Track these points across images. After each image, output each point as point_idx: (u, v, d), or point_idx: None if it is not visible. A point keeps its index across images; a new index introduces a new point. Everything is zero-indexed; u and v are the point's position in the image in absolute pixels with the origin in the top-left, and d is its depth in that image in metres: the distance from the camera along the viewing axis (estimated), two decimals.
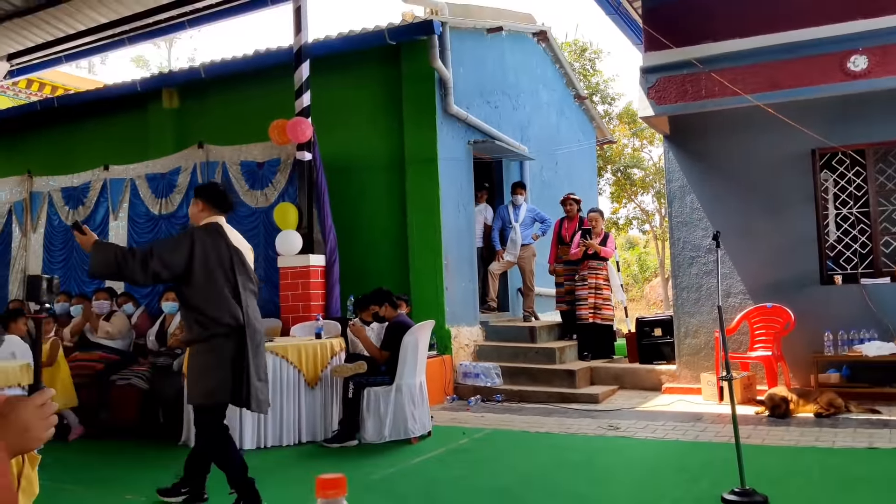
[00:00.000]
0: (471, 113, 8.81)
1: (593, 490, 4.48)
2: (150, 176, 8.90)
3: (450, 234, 8.32)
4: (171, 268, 4.03)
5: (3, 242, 9.86)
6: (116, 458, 5.81)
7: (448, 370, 7.97)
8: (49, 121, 10.69)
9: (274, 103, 8.59)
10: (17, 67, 10.24)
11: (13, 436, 1.41)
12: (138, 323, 7.57)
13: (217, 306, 4.09)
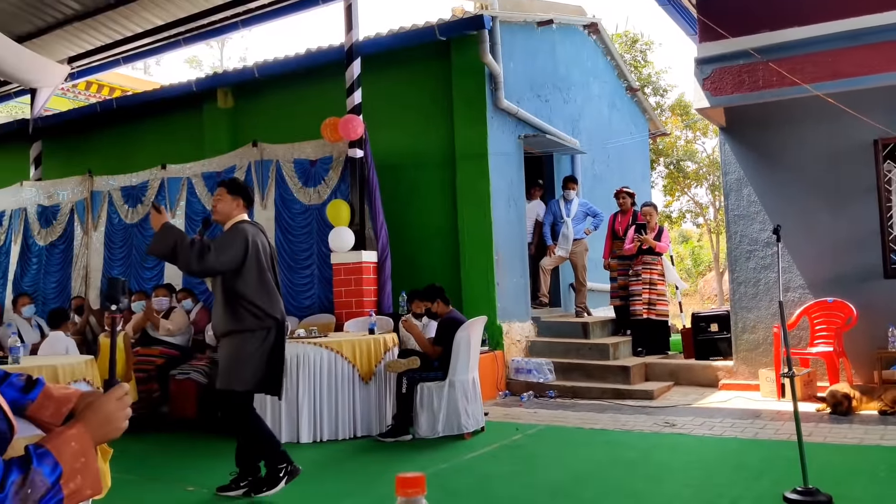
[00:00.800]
0: (521, 107, 8.79)
1: (650, 487, 4.45)
2: (205, 174, 9.10)
3: (500, 229, 8.32)
4: (225, 264, 4.24)
5: (66, 241, 10.18)
6: (177, 451, 5.98)
7: (500, 366, 7.98)
8: (108, 121, 10.99)
9: (325, 101, 8.69)
10: (77, 70, 10.58)
11: (97, 426, 1.51)
12: (197, 319, 7.75)
13: (269, 300, 4.39)
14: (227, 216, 4.51)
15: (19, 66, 9.16)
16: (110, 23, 9.65)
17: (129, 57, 10.23)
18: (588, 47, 11.54)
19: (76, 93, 15.21)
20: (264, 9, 8.86)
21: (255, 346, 4.34)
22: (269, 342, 4.39)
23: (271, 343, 4.39)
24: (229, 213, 4.51)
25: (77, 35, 10.01)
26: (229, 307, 4.36)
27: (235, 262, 4.27)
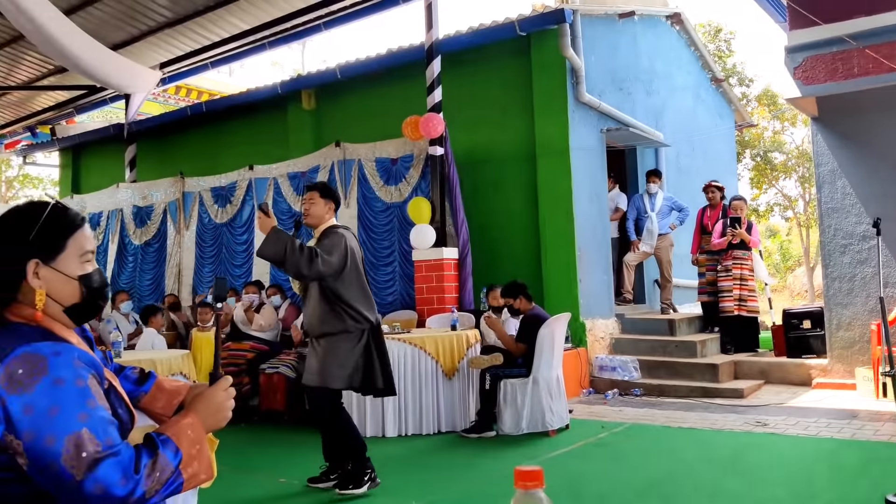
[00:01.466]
0: (603, 100, 8.68)
1: (744, 487, 4.34)
2: (291, 175, 9.34)
3: (583, 224, 8.24)
4: (333, 267, 4.34)
5: (160, 240, 10.62)
6: (267, 444, 6.16)
7: (583, 363, 7.92)
8: (198, 124, 11.39)
9: (406, 100, 8.79)
10: (168, 75, 10.99)
11: (208, 416, 1.64)
12: (285, 315, 7.97)
13: (367, 303, 4.53)
14: (319, 220, 4.57)
15: (115, 72, 9.57)
16: (199, 28, 9.99)
17: (216, 61, 10.58)
18: (671, 38, 11.30)
19: (166, 97, 15.82)
20: (346, 10, 9.02)
21: (350, 346, 4.44)
22: (363, 343, 4.49)
23: (364, 343, 4.49)
24: (322, 217, 4.57)
25: (168, 41, 10.40)
26: (328, 309, 4.44)
27: (338, 266, 4.37)
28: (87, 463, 1.36)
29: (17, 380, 1.41)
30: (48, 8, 7.89)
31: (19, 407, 1.39)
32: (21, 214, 1.63)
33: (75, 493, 1.36)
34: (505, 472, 4.82)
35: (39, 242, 1.60)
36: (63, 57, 8.49)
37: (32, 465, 1.38)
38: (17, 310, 1.56)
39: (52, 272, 1.61)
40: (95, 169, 13.31)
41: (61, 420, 1.38)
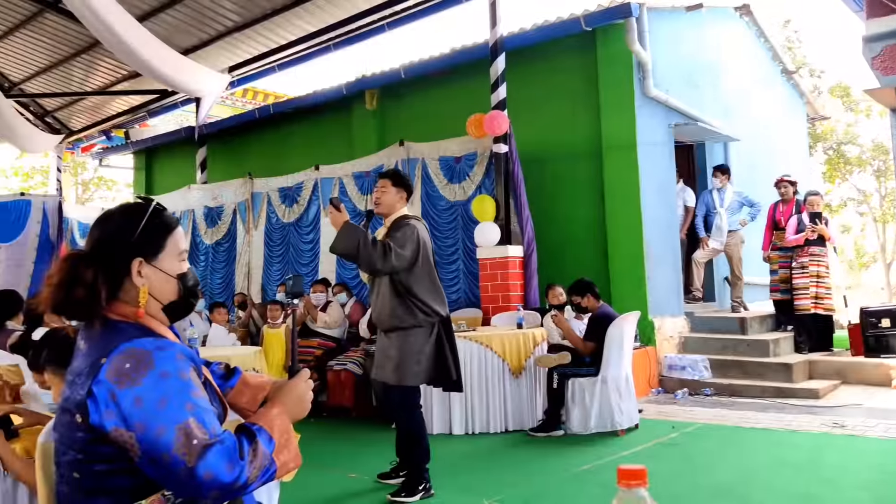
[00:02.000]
0: (671, 95, 8.52)
1: (823, 490, 4.20)
2: (356, 174, 9.43)
3: (651, 221, 8.11)
4: (405, 261, 4.24)
5: (230, 239, 10.86)
6: (336, 439, 6.23)
7: (652, 362, 7.79)
8: (265, 126, 11.61)
9: (470, 98, 8.78)
10: (236, 78, 11.21)
11: (292, 406, 1.73)
12: (351, 313, 8.06)
13: (435, 297, 4.41)
14: (391, 209, 4.45)
15: (185, 77, 9.81)
16: (266, 32, 10.18)
17: (283, 64, 10.73)
18: (740, 30, 11.02)
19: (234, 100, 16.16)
20: (410, 10, 9.05)
21: (423, 341, 4.35)
22: (434, 337, 4.40)
23: (435, 338, 4.41)
24: (393, 206, 4.45)
25: (236, 45, 10.63)
26: (399, 303, 4.34)
27: (411, 260, 4.27)
28: (198, 450, 1.42)
29: (124, 374, 1.48)
30: (122, 15, 8.14)
31: (130, 400, 1.45)
32: (123, 215, 1.69)
33: (187, 479, 1.42)
34: (576, 472, 4.78)
35: (142, 242, 1.67)
36: (137, 62, 8.75)
37: (144, 455, 1.44)
38: (118, 308, 1.62)
39: (154, 271, 1.68)
40: (168, 171, 13.71)
41: (170, 411, 1.45)
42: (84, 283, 1.57)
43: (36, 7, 10.27)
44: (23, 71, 12.36)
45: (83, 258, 1.62)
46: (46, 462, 1.93)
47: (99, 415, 1.47)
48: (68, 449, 1.55)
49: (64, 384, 1.67)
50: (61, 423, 1.57)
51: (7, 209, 12.78)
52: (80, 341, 1.64)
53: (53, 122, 13.85)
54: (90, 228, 1.70)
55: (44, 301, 1.60)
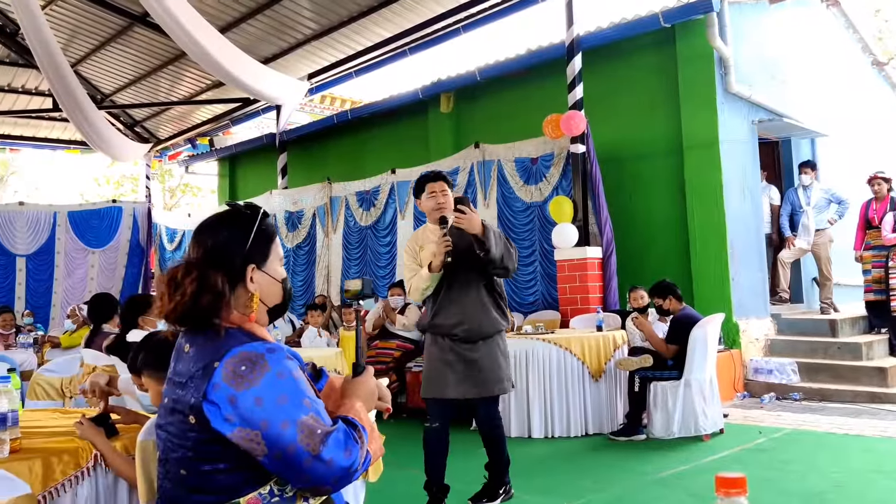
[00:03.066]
0: (754, 90, 8.27)
1: None
2: None
3: (734, 220, 7.88)
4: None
5: (310, 243, 11.09)
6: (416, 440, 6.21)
7: (737, 366, 7.57)
8: (343, 131, 11.81)
9: (546, 98, 8.73)
10: (315, 85, 11.44)
11: (367, 399, 1.84)
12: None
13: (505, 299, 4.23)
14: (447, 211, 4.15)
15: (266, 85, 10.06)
16: (344, 39, 10.35)
17: (360, 70, 10.90)
18: (827, 21, 10.61)
19: (312, 106, 16.50)
20: (485, 12, 9.06)
21: (505, 347, 4.18)
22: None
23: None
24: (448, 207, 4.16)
25: (314, 53, 10.85)
26: (494, 306, 4.11)
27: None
28: (319, 440, 1.53)
29: (240, 376, 1.55)
30: (206, 26, 8.41)
31: (250, 400, 1.53)
32: (234, 223, 1.76)
33: (311, 468, 1.53)
34: (659, 478, 4.69)
35: (253, 249, 1.73)
36: (220, 71, 9.03)
37: (270, 451, 1.53)
38: (225, 313, 1.68)
39: (263, 276, 1.76)
40: (250, 177, 14.09)
41: (291, 407, 1.54)
42: (213, 290, 1.64)
43: (126, 21, 10.71)
44: (113, 83, 12.92)
45: (208, 266, 1.68)
46: (146, 459, 2.01)
47: (218, 419, 1.55)
48: (178, 447, 1.62)
49: (163, 385, 1.74)
50: (170, 422, 1.65)
51: (100, 216, 13.37)
52: (184, 344, 1.70)
53: (142, 132, 14.42)
54: (197, 235, 1.76)
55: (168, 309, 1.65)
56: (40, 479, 2.21)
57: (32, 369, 5.99)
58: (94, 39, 11.54)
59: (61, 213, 13.19)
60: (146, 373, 2.52)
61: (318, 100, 15.84)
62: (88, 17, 10.86)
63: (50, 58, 9.11)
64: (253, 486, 1.60)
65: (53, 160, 24.31)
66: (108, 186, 25.31)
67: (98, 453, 2.37)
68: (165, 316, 1.66)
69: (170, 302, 1.64)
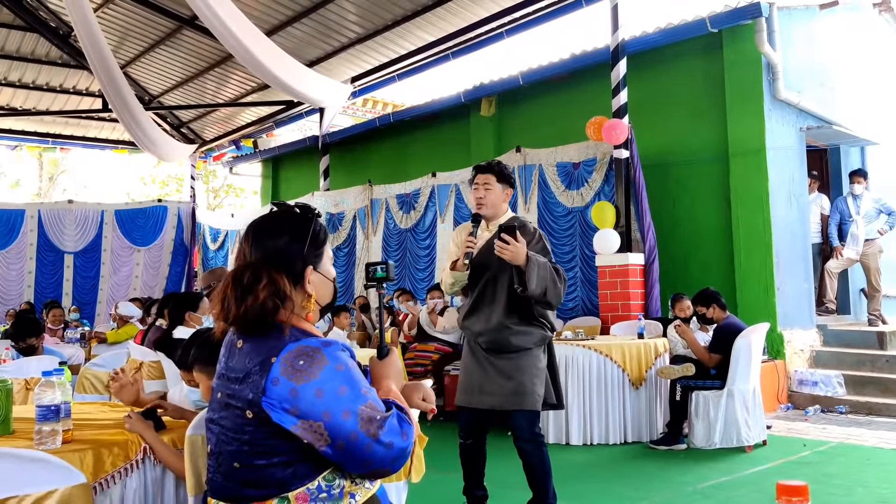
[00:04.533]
0: (803, 97, 8.12)
1: None
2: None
3: (780, 229, 7.75)
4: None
5: (350, 244, 11.18)
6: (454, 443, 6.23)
7: (781, 377, 7.43)
8: (385, 134, 11.89)
9: (589, 103, 8.69)
10: (358, 88, 11.54)
11: (398, 381, 1.91)
12: None
13: (553, 313, 3.86)
14: (497, 209, 3.80)
15: (310, 88, 10.18)
16: (387, 42, 10.42)
17: (403, 73, 10.96)
18: (880, 27, 10.40)
19: (354, 109, 16.63)
20: (529, 16, 9.05)
21: (543, 359, 3.81)
22: (548, 353, 3.88)
23: (549, 354, 3.89)
24: (499, 206, 3.81)
25: (358, 56, 10.94)
26: (527, 320, 3.71)
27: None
28: (378, 426, 1.60)
29: (299, 370, 1.60)
30: (252, 29, 8.54)
31: (311, 392, 1.58)
32: (289, 224, 1.79)
33: (372, 454, 1.60)
34: (701, 489, 4.63)
35: (310, 250, 1.77)
36: (265, 74, 9.16)
37: (334, 440, 1.58)
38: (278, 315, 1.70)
39: (318, 276, 1.81)
40: (292, 178, 14.25)
41: (350, 397, 1.60)
42: (282, 294, 1.68)
43: (174, 24, 10.93)
44: (161, 84, 13.17)
45: (272, 269, 1.70)
46: (195, 453, 2.05)
47: (279, 413, 1.59)
48: (233, 440, 1.66)
49: (213, 380, 1.77)
50: (225, 416, 1.68)
51: (146, 215, 13.66)
52: (236, 341, 1.73)
53: (188, 133, 14.68)
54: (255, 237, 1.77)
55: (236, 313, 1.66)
56: (91, 470, 2.26)
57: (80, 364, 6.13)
58: (143, 42, 11.79)
59: (108, 212, 13.51)
60: (198, 368, 2.56)
61: (361, 103, 15.96)
62: (138, 20, 11.10)
63: (101, 59, 9.34)
64: (302, 480, 1.63)
65: (102, 160, 24.86)
66: (154, 186, 25.81)
67: (147, 446, 2.42)
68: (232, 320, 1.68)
69: (238, 306, 1.66)
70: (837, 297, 8.86)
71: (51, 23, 12.00)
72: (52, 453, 2.15)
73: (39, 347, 5.20)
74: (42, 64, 12.90)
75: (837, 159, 9.52)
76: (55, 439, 2.29)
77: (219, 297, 1.71)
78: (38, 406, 2.29)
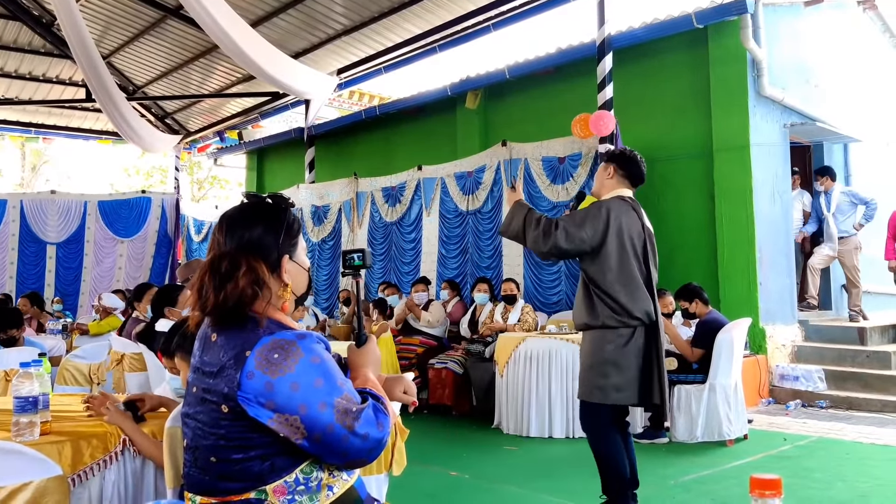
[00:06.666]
0: (787, 93, 8.16)
1: None
2: (457, 174, 9.47)
3: (763, 225, 7.79)
4: (577, 242, 3.57)
5: (335, 237, 11.13)
6: (437, 437, 6.29)
7: (763, 372, 7.49)
8: (371, 127, 11.85)
9: (575, 97, 8.69)
10: (344, 80, 11.49)
11: (373, 366, 1.92)
12: (452, 311, 8.12)
13: (630, 295, 3.59)
14: (598, 188, 3.92)
15: (295, 80, 10.13)
16: (374, 34, 10.39)
17: (389, 66, 10.93)
18: (864, 24, 10.46)
19: (340, 102, 16.56)
20: (516, 10, 9.04)
21: (615, 348, 3.57)
22: (637, 346, 3.59)
23: (639, 347, 3.59)
24: (602, 186, 3.90)
25: (344, 48, 10.90)
26: (586, 296, 3.66)
27: (590, 243, 3.57)
28: (353, 417, 1.61)
29: (275, 363, 1.59)
30: (237, 20, 8.49)
31: (287, 386, 1.57)
32: (263, 214, 1.78)
33: (349, 445, 1.61)
34: (682, 482, 4.66)
35: (286, 240, 1.76)
36: (251, 65, 9.10)
37: (310, 433, 1.58)
38: (253, 306, 1.69)
39: (294, 266, 1.80)
40: (278, 170, 14.20)
41: (326, 388, 1.60)
42: (261, 282, 1.68)
43: (159, 14, 10.83)
44: (146, 75, 13.07)
45: (249, 256, 1.70)
46: (173, 445, 2.04)
47: (255, 407, 1.58)
48: (209, 435, 1.64)
49: (190, 371, 1.76)
50: (200, 411, 1.67)
51: (129, 206, 13.56)
52: (210, 334, 1.71)
53: (172, 124, 14.58)
54: (229, 227, 1.75)
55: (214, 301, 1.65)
56: (70, 462, 2.25)
57: (61, 355, 6.09)
58: (127, 31, 11.68)
59: (91, 203, 13.40)
60: (180, 355, 2.55)
61: (347, 95, 15.88)
62: (123, 9, 11.00)
63: (84, 49, 9.25)
64: (279, 473, 1.63)
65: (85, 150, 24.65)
66: (138, 177, 25.62)
67: (126, 438, 2.40)
68: (210, 309, 1.66)
69: (217, 294, 1.64)
70: (819, 293, 8.93)
71: (34, 11, 11.87)
72: (30, 445, 2.14)
73: (20, 339, 5.16)
74: (25, 53, 12.75)
75: (821, 156, 9.58)
76: (33, 431, 2.28)
77: (195, 286, 1.69)
78: (15, 397, 2.28)
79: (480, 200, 9.08)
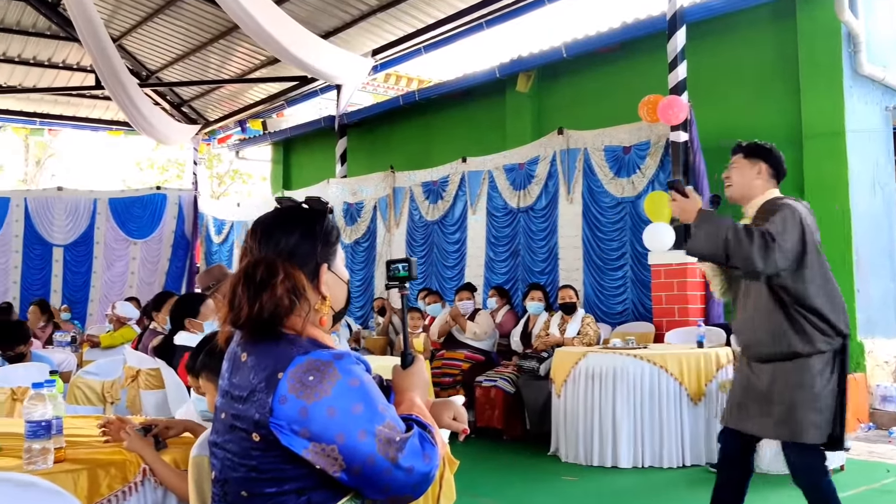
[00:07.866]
0: (889, 72, 8.00)
1: None
2: (507, 167, 9.45)
3: (862, 222, 7.64)
4: (789, 257, 3.39)
5: (369, 238, 11.20)
6: (486, 465, 6.28)
7: (862, 392, 7.34)
8: (410, 114, 11.90)
9: (642, 79, 8.62)
10: (380, 62, 11.55)
11: (422, 392, 1.90)
12: (502, 322, 8.11)
13: (834, 307, 3.47)
14: (746, 189, 3.72)
15: (326, 62, 10.21)
16: (413, 10, 10.43)
17: (430, 45, 10.94)
18: None
19: (375, 86, 16.67)
20: None
21: (828, 377, 3.43)
22: (836, 370, 3.46)
23: (839, 370, 3.47)
24: (749, 185, 3.72)
25: (380, 26, 10.97)
26: (787, 318, 3.46)
27: (796, 254, 3.41)
28: (397, 447, 1.60)
29: (309, 386, 1.59)
30: None
31: (322, 411, 1.57)
32: (300, 219, 1.79)
33: (391, 479, 1.60)
34: None
35: (324, 248, 1.77)
36: (275, 46, 9.20)
37: (349, 465, 1.58)
38: (287, 321, 1.70)
39: (332, 277, 1.81)
40: (305, 164, 14.35)
41: (367, 415, 1.59)
42: (300, 292, 1.68)
43: None
44: (160, 59, 13.31)
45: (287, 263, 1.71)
46: (200, 477, 2.06)
47: (288, 436, 1.58)
48: (239, 466, 1.66)
49: (218, 395, 1.78)
50: (230, 440, 1.68)
51: (142, 204, 13.77)
52: (240, 353, 1.72)
53: (190, 112, 14.83)
54: (265, 232, 1.78)
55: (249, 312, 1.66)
56: (86, 493, 2.29)
57: (71, 371, 6.21)
58: (139, 11, 11.91)
59: (102, 200, 13.61)
60: (205, 375, 2.57)
61: (383, 78, 15.98)
62: None
63: (92, 30, 9.46)
64: None
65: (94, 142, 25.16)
66: (152, 172, 26.08)
67: (146, 467, 2.44)
68: (244, 322, 1.67)
69: (252, 305, 1.65)
70: None
71: None
72: (43, 475, 2.18)
73: (28, 354, 5.28)
74: (28, 35, 13.07)
75: None
76: (46, 459, 2.32)
77: (226, 297, 1.71)
78: (27, 422, 2.32)
79: (533, 196, 9.06)
